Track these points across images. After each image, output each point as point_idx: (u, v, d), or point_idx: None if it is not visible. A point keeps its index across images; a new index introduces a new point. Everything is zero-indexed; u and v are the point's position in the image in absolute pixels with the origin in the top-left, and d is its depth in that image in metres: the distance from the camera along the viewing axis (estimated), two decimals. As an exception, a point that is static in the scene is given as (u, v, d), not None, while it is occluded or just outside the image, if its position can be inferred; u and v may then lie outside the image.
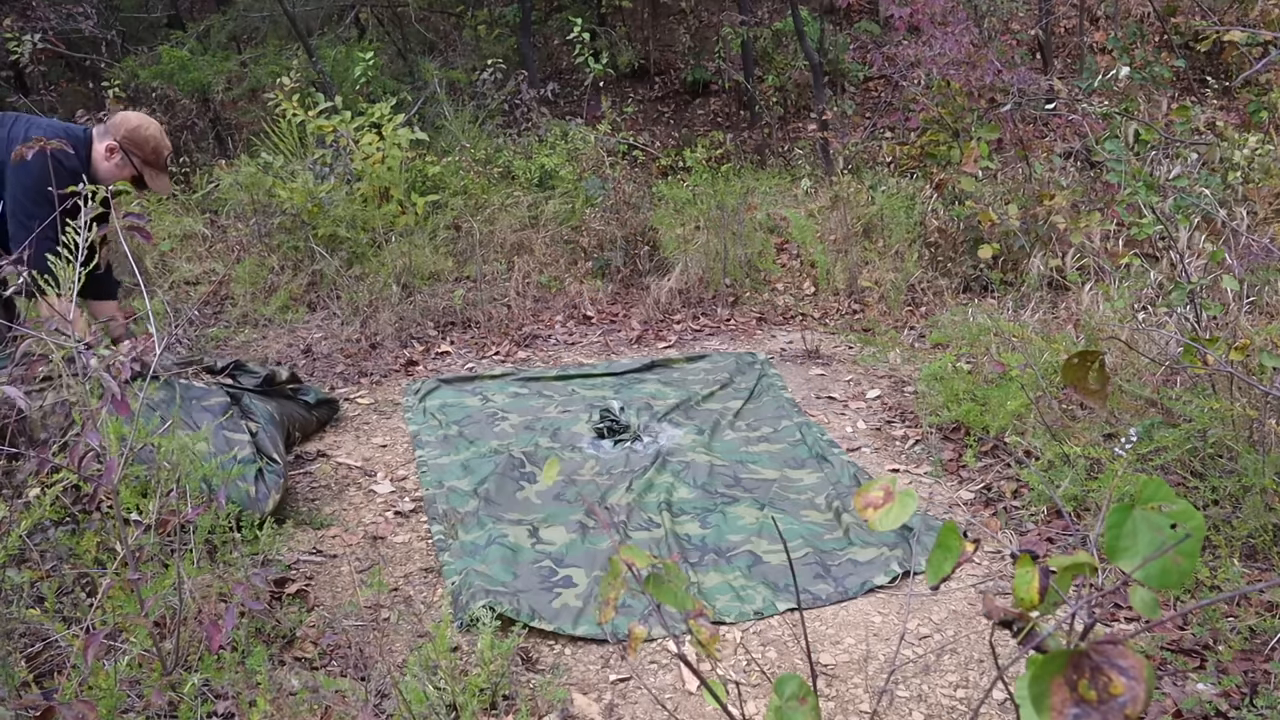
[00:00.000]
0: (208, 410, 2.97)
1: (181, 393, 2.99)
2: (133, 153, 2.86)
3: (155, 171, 2.90)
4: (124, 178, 2.90)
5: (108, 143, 2.85)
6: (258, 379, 3.37)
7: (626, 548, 1.12)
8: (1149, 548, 0.90)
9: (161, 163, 2.90)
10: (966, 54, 5.08)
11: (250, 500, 2.75)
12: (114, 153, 2.85)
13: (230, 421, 2.95)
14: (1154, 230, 3.40)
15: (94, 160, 2.86)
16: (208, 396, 3.05)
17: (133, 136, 2.85)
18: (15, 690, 1.70)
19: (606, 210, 5.50)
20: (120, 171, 2.88)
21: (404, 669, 2.08)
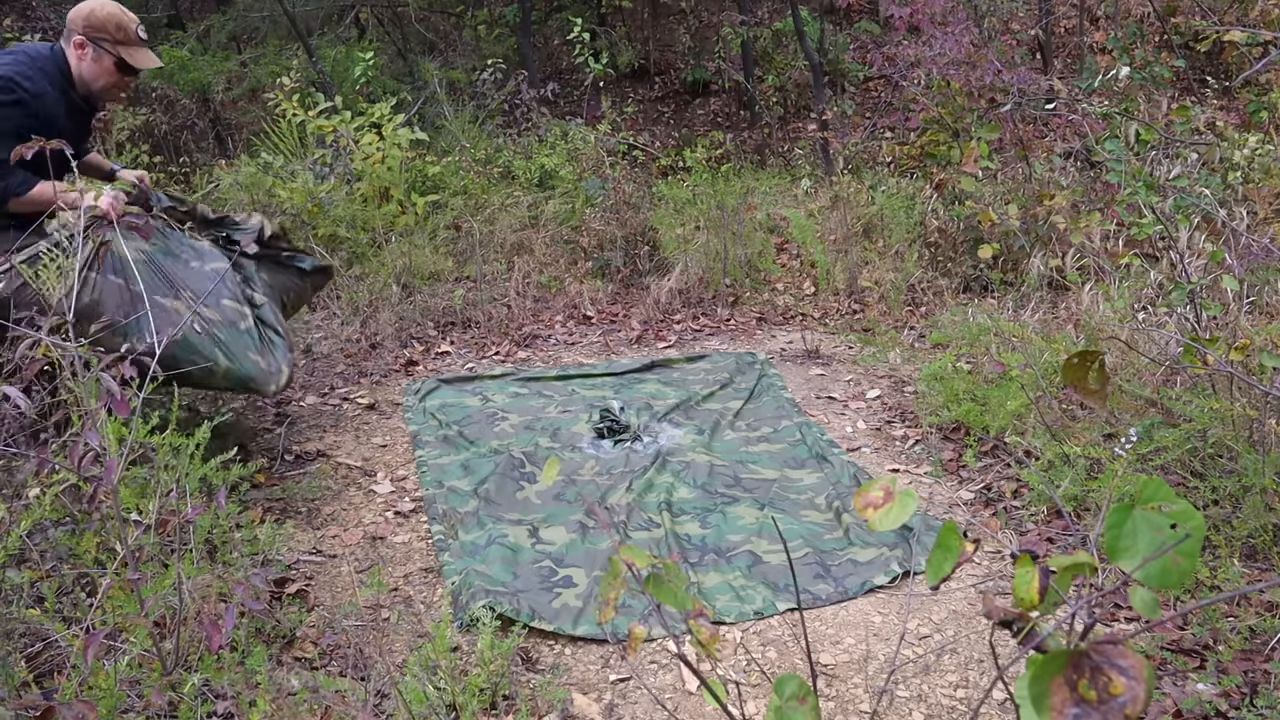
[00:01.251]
0: (208, 275, 2.83)
1: (175, 247, 2.84)
2: (100, 39, 2.73)
3: (132, 48, 2.77)
4: (108, 69, 2.76)
5: (75, 40, 2.73)
6: (249, 235, 3.11)
7: (626, 548, 1.12)
8: (1149, 548, 0.90)
9: (133, 37, 2.77)
10: (966, 54, 5.08)
11: (261, 373, 2.68)
12: (84, 47, 2.74)
13: (230, 289, 2.83)
14: (1154, 230, 3.40)
15: (73, 68, 2.76)
16: (207, 258, 2.88)
17: (90, 22, 2.72)
18: (15, 690, 1.70)
19: (606, 210, 5.50)
20: (100, 64, 2.75)
21: (404, 669, 2.08)
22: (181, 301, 2.72)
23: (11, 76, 2.63)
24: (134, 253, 2.77)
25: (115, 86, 2.83)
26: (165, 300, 2.71)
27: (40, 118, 2.68)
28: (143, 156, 6.06)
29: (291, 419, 3.67)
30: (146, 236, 2.16)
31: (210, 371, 2.67)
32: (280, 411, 3.77)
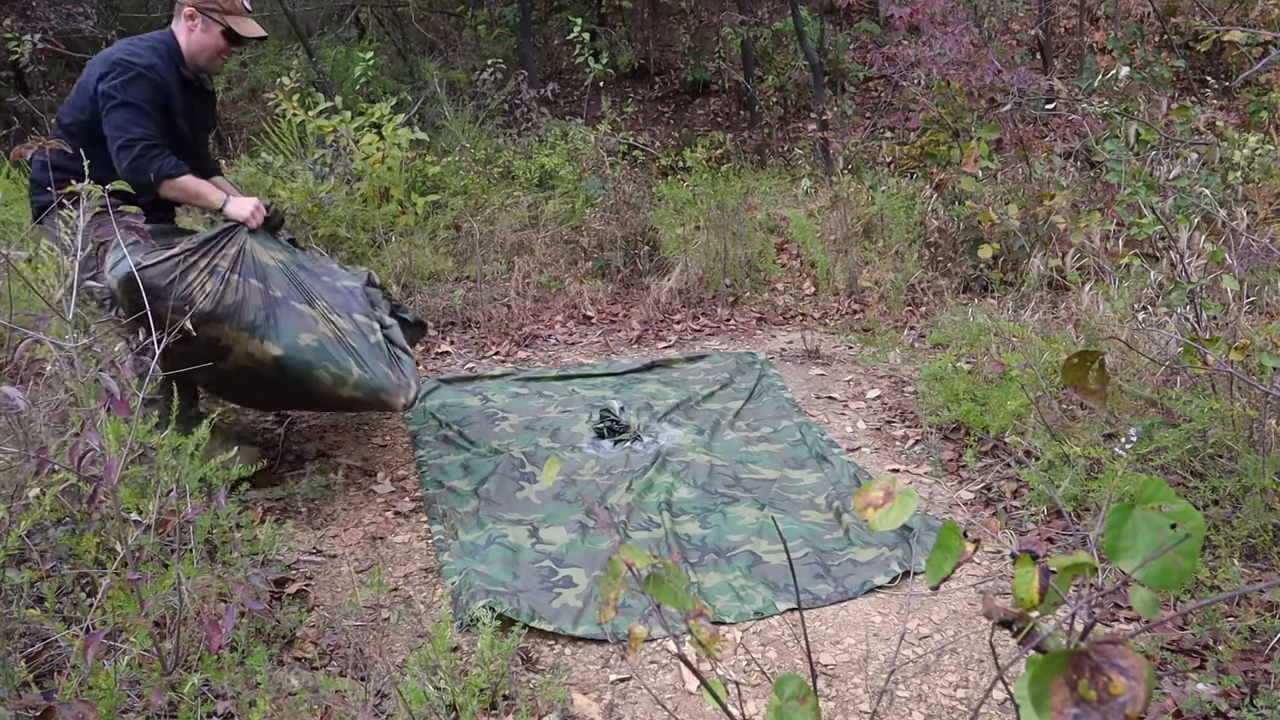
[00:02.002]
0: (339, 290, 2.88)
1: (307, 263, 2.91)
2: (209, 9, 2.81)
3: (239, 18, 2.85)
4: (216, 38, 2.84)
5: (185, 12, 2.82)
6: (360, 278, 3.19)
7: (626, 548, 1.12)
8: (1149, 548, 0.90)
9: (239, 7, 2.85)
10: (966, 54, 5.08)
11: (392, 384, 2.70)
12: (193, 18, 2.82)
13: (362, 304, 2.87)
14: (1154, 230, 3.40)
15: (184, 44, 2.84)
16: (338, 276, 2.94)
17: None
18: (15, 690, 1.70)
19: (606, 210, 5.50)
20: (209, 34, 2.83)
21: (404, 669, 2.08)
22: (316, 310, 2.76)
23: (121, 57, 2.72)
24: (273, 261, 2.83)
25: (220, 56, 2.91)
26: (301, 306, 2.76)
27: (162, 90, 2.77)
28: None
29: (292, 419, 3.67)
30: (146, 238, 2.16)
31: (342, 380, 2.69)
32: (280, 411, 3.77)
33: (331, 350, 2.72)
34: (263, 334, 2.68)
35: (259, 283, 2.74)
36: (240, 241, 2.79)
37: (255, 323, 2.68)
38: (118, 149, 2.70)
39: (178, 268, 2.62)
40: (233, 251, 2.74)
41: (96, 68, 2.76)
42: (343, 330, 2.78)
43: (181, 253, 2.64)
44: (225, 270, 2.70)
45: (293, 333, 2.70)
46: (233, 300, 2.67)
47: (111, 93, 2.70)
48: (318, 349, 2.71)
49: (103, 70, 2.72)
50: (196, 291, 2.62)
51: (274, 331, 2.69)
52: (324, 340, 2.73)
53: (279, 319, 2.71)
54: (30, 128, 7.11)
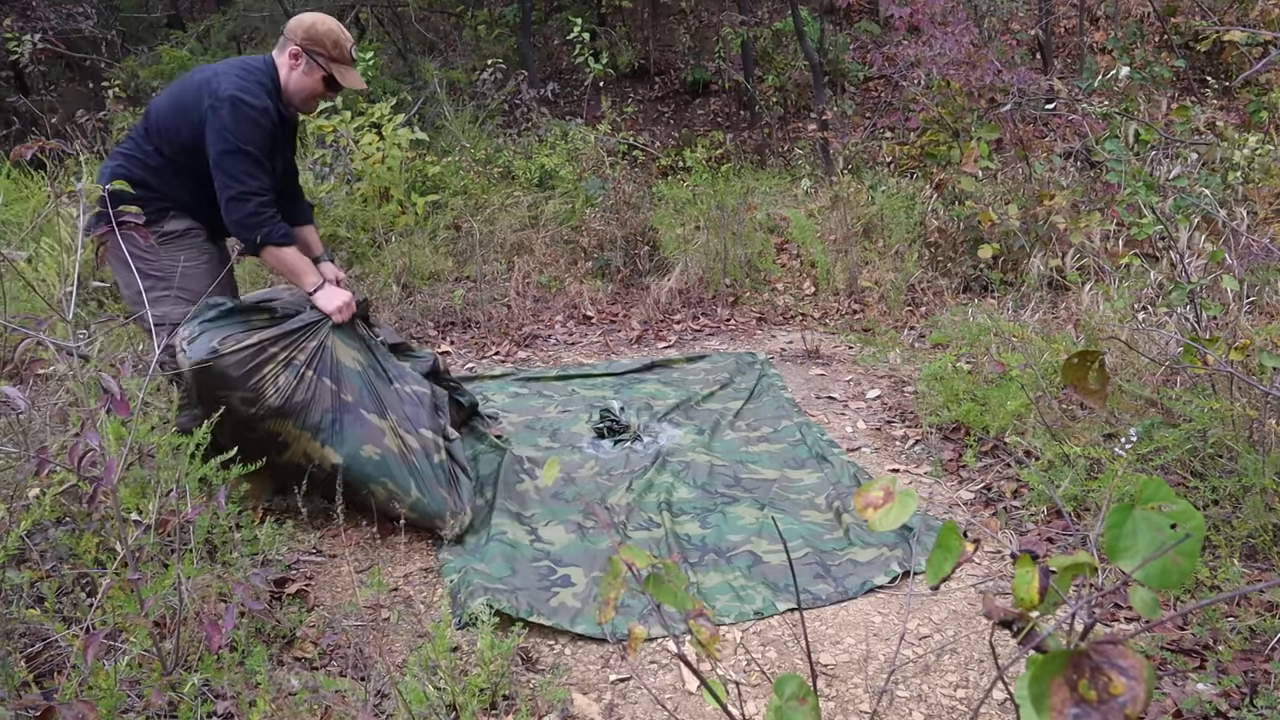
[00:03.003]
0: (408, 398, 2.79)
1: (385, 365, 2.83)
2: (316, 52, 2.74)
3: (343, 67, 2.80)
4: (316, 82, 2.79)
5: (289, 49, 2.75)
6: (424, 364, 3.11)
7: (626, 548, 1.12)
8: (1149, 548, 0.90)
9: (347, 56, 2.80)
10: (966, 54, 5.08)
11: (446, 510, 2.64)
12: (298, 58, 2.75)
13: (430, 417, 2.79)
14: (1154, 230, 3.40)
15: (283, 78, 2.77)
16: (408, 380, 2.85)
17: (311, 34, 2.74)
18: (15, 690, 1.70)
19: (606, 210, 5.50)
20: (310, 77, 2.77)
21: (404, 669, 2.08)
22: (387, 422, 2.68)
23: (237, 95, 2.63)
24: (351, 363, 2.76)
25: (315, 100, 2.86)
26: (370, 416, 2.68)
27: (271, 135, 2.72)
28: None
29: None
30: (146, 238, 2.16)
31: (398, 498, 2.63)
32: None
33: (393, 467, 2.64)
34: (325, 438, 2.61)
35: (332, 383, 2.66)
36: (322, 336, 2.70)
37: (320, 425, 2.61)
38: (230, 199, 2.63)
39: (255, 358, 2.55)
40: (312, 345, 2.66)
41: (203, 95, 2.66)
42: (409, 448, 2.69)
43: (260, 343, 2.56)
44: (301, 365, 2.62)
45: (356, 442, 2.62)
46: (302, 399, 2.59)
47: (226, 135, 2.62)
48: (379, 463, 2.64)
49: (213, 103, 2.62)
50: (268, 385, 2.55)
51: (338, 438, 2.62)
52: (387, 455, 2.65)
53: (345, 426, 2.63)
54: (30, 128, 7.11)
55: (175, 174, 2.71)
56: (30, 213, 4.74)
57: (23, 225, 4.62)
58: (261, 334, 2.59)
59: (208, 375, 2.48)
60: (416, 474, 2.67)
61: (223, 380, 2.50)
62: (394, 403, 2.77)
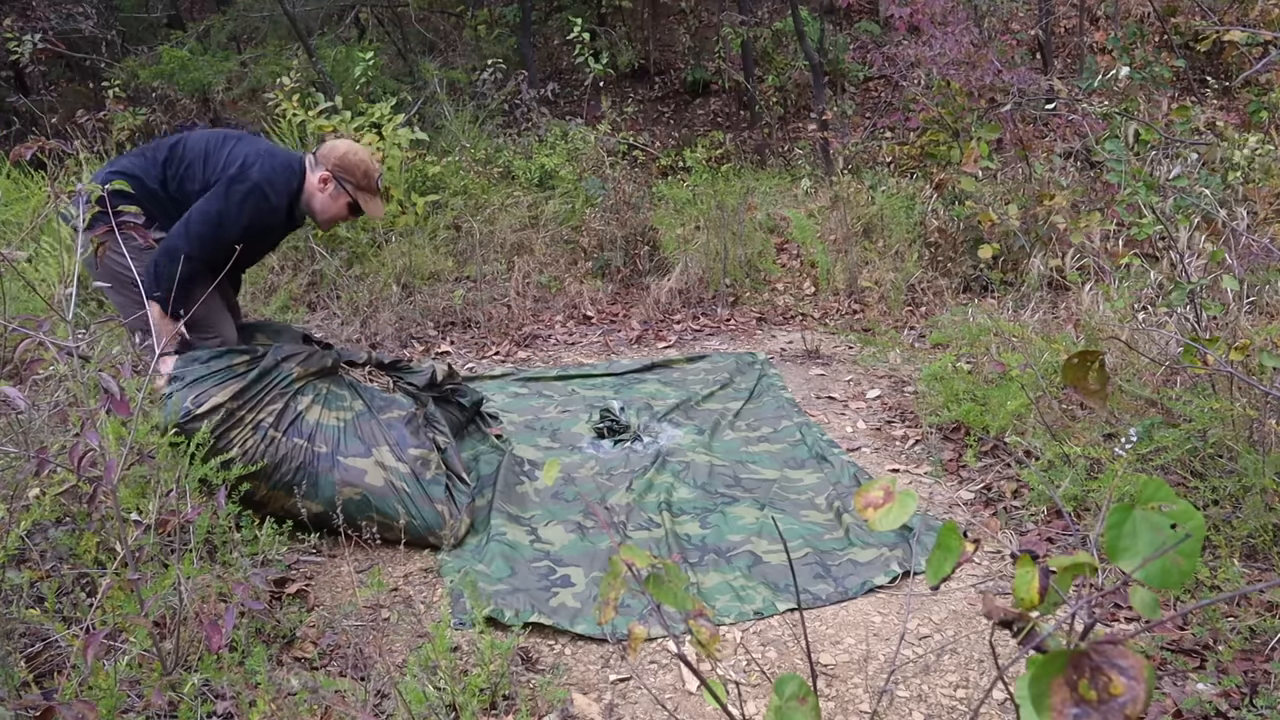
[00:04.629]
0: (393, 424, 2.84)
1: (368, 401, 2.89)
2: (345, 180, 2.85)
3: (368, 196, 2.90)
4: (341, 207, 2.89)
5: (320, 174, 2.85)
6: (422, 377, 3.16)
7: (626, 548, 1.12)
8: (1149, 548, 0.90)
9: (373, 187, 2.90)
10: (966, 54, 5.09)
11: (439, 523, 2.67)
12: (327, 183, 2.85)
13: (416, 436, 2.84)
14: (1154, 230, 3.40)
15: (307, 191, 2.86)
16: (391, 406, 2.91)
17: (343, 164, 2.84)
18: (15, 690, 1.70)
19: (606, 210, 5.50)
20: (335, 201, 2.87)
21: (404, 669, 2.08)
22: (372, 458, 2.73)
23: (260, 185, 2.72)
24: (341, 416, 2.79)
25: (337, 222, 2.98)
26: (351, 460, 2.71)
27: (263, 231, 2.82)
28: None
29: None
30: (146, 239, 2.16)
31: (388, 525, 2.68)
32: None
33: (375, 501, 2.68)
34: (300, 493, 2.65)
35: (303, 440, 2.69)
36: (289, 394, 2.73)
37: (293, 481, 2.65)
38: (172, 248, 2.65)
39: (224, 423, 2.58)
40: (279, 406, 2.70)
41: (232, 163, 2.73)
42: (396, 474, 2.72)
43: (227, 403, 2.60)
44: (267, 427, 2.65)
45: (332, 489, 2.65)
46: (270, 461, 2.62)
47: (221, 207, 2.68)
48: (360, 502, 2.67)
49: (236, 174, 2.71)
50: (235, 448, 2.58)
51: (313, 490, 2.66)
52: (369, 493, 2.68)
53: (319, 477, 2.66)
54: (30, 128, 7.11)
55: (170, 208, 2.77)
56: (30, 213, 4.74)
57: (23, 225, 4.62)
58: (233, 387, 2.63)
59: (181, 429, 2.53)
60: (405, 498, 2.69)
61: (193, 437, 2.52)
62: (380, 434, 2.80)
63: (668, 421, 3.58)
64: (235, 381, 2.65)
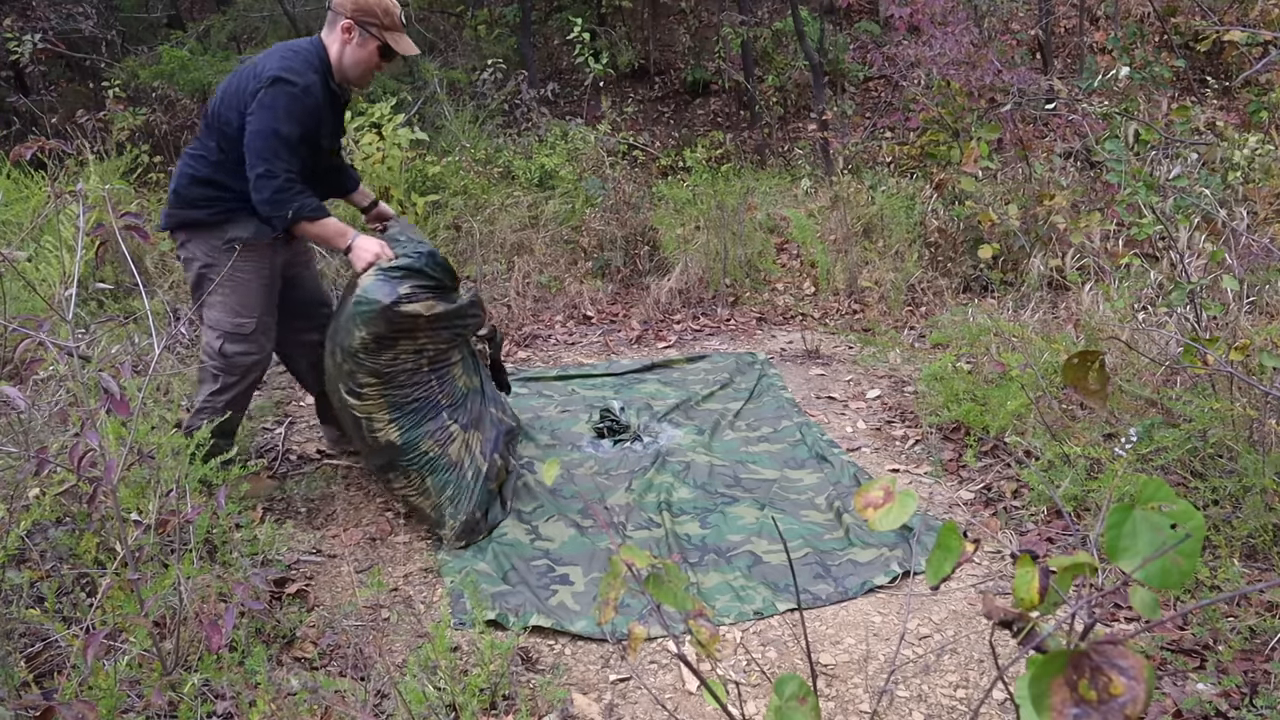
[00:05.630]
0: (496, 423, 2.95)
1: (484, 383, 3.00)
2: (368, 23, 2.74)
3: (396, 34, 2.80)
4: (371, 53, 2.78)
5: (341, 25, 2.74)
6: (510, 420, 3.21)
7: (626, 548, 1.11)
8: (1149, 548, 0.90)
9: (398, 23, 2.80)
10: (966, 54, 5.09)
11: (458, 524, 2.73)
12: (350, 31, 2.74)
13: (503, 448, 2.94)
14: (1154, 230, 3.40)
15: (334, 55, 2.77)
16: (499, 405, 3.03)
17: (361, 4, 2.71)
18: (15, 690, 1.70)
19: (606, 210, 5.50)
20: (364, 48, 2.76)
21: (404, 669, 2.08)
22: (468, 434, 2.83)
23: (279, 74, 2.62)
24: (468, 383, 2.92)
25: (371, 72, 2.85)
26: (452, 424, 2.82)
27: (315, 113, 2.72)
28: (143, 157, 6.06)
29: (292, 419, 3.67)
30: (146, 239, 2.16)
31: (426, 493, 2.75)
32: (281, 412, 3.77)
33: (441, 470, 2.74)
34: (397, 419, 2.73)
35: (438, 384, 2.79)
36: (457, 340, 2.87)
37: (402, 406, 2.73)
38: (257, 177, 2.63)
39: (403, 330, 2.69)
40: (444, 347, 2.82)
41: (248, 79, 2.68)
42: (474, 465, 2.80)
43: (426, 315, 2.72)
44: (428, 358, 2.78)
45: (421, 434, 2.73)
46: (404, 379, 2.74)
47: (264, 115, 2.61)
48: (429, 459, 2.73)
49: (257, 86, 2.63)
50: (386, 356, 2.69)
51: (409, 423, 2.73)
52: (443, 460, 2.75)
53: (423, 419, 2.75)
54: (30, 128, 7.11)
55: (236, 167, 2.73)
56: (30, 213, 4.74)
57: (23, 225, 4.62)
58: (439, 307, 2.74)
59: (373, 308, 2.62)
60: (460, 486, 2.74)
61: (375, 320, 2.63)
62: (486, 423, 2.90)
63: (668, 421, 3.58)
64: (442, 303, 2.76)
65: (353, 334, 2.66)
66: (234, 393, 2.83)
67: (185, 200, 2.76)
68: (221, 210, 2.73)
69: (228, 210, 2.74)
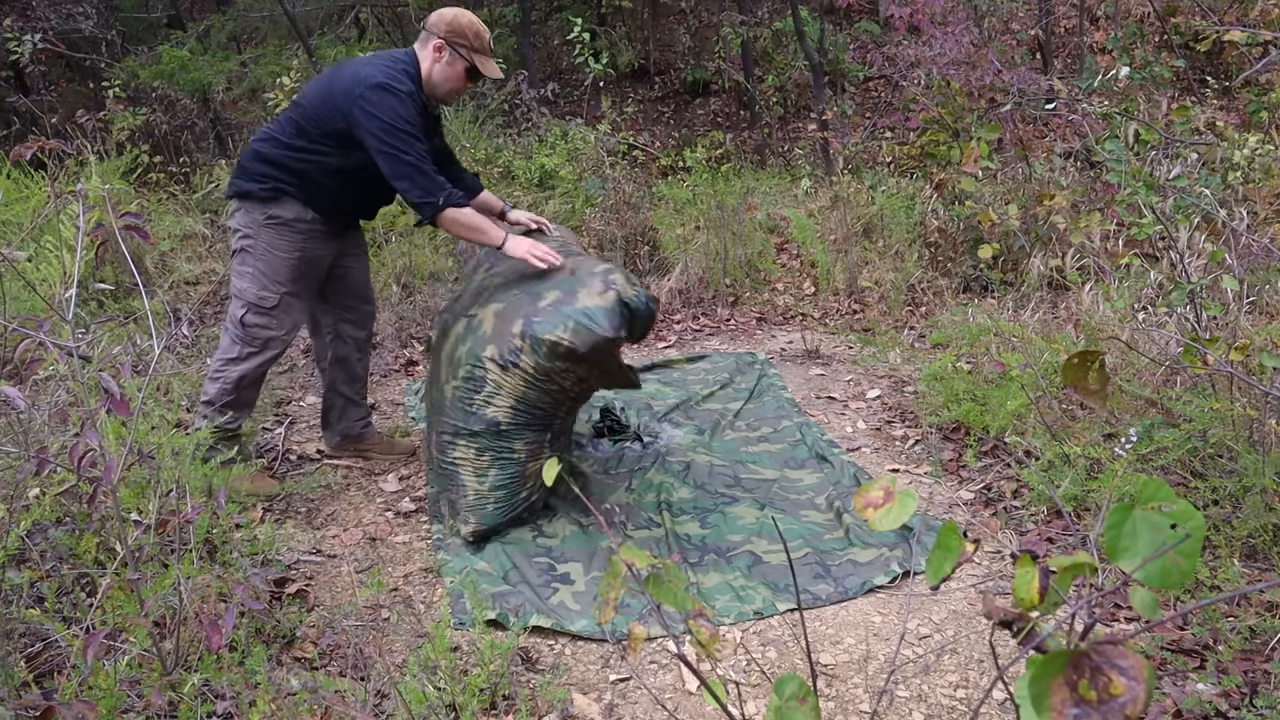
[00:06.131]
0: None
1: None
2: (458, 44, 2.84)
3: (483, 57, 2.89)
4: (459, 73, 2.88)
5: (433, 43, 2.85)
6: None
7: (626, 548, 1.11)
8: (1149, 548, 0.90)
9: (486, 47, 2.91)
10: (966, 54, 5.09)
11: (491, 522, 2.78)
12: (441, 50, 2.84)
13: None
14: (1154, 230, 3.40)
15: (424, 70, 2.86)
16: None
17: (454, 27, 2.83)
18: (15, 690, 1.70)
19: (606, 210, 5.50)
20: (452, 67, 2.86)
21: (404, 669, 2.08)
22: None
23: (384, 82, 2.71)
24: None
25: (458, 90, 2.94)
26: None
27: (419, 117, 2.80)
28: (143, 157, 6.06)
29: (292, 419, 3.67)
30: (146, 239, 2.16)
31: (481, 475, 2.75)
32: (281, 412, 3.77)
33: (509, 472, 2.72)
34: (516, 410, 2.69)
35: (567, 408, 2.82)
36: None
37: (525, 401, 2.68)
38: (404, 171, 2.71)
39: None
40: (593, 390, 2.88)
41: (353, 85, 2.74)
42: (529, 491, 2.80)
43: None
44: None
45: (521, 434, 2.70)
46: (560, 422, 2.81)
47: (383, 116, 2.69)
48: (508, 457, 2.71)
49: (363, 91, 2.70)
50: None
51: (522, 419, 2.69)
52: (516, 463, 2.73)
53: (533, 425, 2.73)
54: (30, 128, 7.11)
55: (313, 158, 2.83)
56: (30, 213, 4.74)
57: (23, 225, 4.62)
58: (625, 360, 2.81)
59: (592, 331, 2.55)
60: (510, 500, 2.73)
61: (584, 339, 2.56)
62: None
63: (668, 421, 3.58)
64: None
65: (549, 334, 2.55)
66: (247, 366, 2.87)
67: (245, 173, 2.88)
68: (272, 187, 2.83)
69: (278, 189, 2.83)
